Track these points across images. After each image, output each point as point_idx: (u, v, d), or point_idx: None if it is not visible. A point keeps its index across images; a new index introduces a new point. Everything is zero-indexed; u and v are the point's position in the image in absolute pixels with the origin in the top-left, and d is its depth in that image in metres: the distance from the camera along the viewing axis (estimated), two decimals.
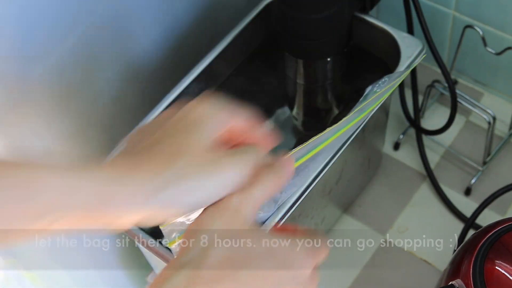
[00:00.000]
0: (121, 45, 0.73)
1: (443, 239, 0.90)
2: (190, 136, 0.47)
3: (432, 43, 0.82)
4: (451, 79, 0.86)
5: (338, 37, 0.75)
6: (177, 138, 0.47)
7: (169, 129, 0.48)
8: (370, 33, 0.79)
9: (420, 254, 0.90)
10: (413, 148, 0.98)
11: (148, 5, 0.73)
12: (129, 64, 0.76)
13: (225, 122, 0.49)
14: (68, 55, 0.67)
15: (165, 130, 0.48)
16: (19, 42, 0.61)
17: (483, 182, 0.94)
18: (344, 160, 0.79)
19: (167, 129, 0.48)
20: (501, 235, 0.66)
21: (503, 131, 0.97)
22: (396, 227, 0.92)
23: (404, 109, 0.95)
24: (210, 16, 0.83)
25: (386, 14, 1.00)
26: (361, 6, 0.78)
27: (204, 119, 0.48)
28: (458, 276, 0.66)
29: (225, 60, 0.79)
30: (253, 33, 0.81)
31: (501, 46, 0.88)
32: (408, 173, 0.97)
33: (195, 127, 0.47)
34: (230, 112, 0.49)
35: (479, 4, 0.90)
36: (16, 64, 0.62)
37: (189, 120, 0.48)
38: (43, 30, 0.62)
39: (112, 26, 0.70)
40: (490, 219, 0.72)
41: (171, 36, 0.79)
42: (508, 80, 0.98)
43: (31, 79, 0.64)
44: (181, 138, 0.47)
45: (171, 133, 0.48)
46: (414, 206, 0.94)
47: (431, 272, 0.88)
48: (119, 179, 0.45)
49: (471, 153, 0.96)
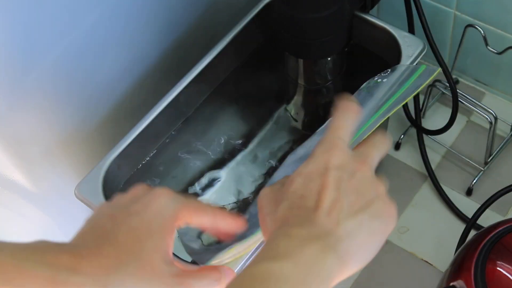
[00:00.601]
0: (121, 45, 0.73)
1: (444, 240, 0.90)
2: (147, 239, 0.47)
3: (433, 42, 0.82)
4: (452, 79, 0.85)
5: (338, 36, 0.75)
6: (132, 236, 0.47)
7: (125, 221, 0.48)
8: (370, 32, 0.78)
9: (421, 255, 0.90)
10: (414, 148, 0.98)
11: (148, 5, 0.73)
12: (129, 64, 0.76)
13: (183, 220, 0.50)
14: (67, 55, 0.66)
15: (120, 223, 0.48)
16: (19, 42, 0.61)
17: (484, 183, 0.94)
18: None
19: (122, 221, 0.48)
20: (503, 235, 0.66)
21: (504, 131, 0.97)
22: (397, 227, 0.92)
23: (405, 109, 0.95)
24: (210, 16, 0.83)
25: (387, 13, 1.00)
26: (362, 5, 0.77)
27: (162, 222, 0.48)
28: (459, 277, 0.66)
29: (225, 60, 0.79)
30: (253, 33, 0.81)
31: (503, 45, 0.88)
32: (409, 173, 0.97)
33: (150, 229, 0.48)
34: (189, 209, 0.50)
35: (481, 3, 0.90)
36: (16, 64, 0.62)
37: (147, 218, 0.48)
38: (43, 30, 0.62)
39: (112, 26, 0.70)
40: (492, 220, 0.71)
41: (171, 36, 0.79)
42: (510, 79, 0.98)
43: (31, 79, 0.64)
44: (136, 238, 0.47)
45: (127, 228, 0.48)
46: (415, 206, 0.94)
47: (432, 273, 0.88)
48: (71, 270, 0.44)
49: (473, 153, 0.96)
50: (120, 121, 0.78)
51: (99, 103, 0.75)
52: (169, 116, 0.75)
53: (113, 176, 0.71)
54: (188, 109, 0.79)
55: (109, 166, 0.70)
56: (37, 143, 0.69)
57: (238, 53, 0.81)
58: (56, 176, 0.74)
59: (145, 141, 0.74)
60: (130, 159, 0.73)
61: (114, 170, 0.71)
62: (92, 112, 0.74)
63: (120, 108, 0.78)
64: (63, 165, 0.74)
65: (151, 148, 0.76)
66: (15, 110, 0.64)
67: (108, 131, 0.77)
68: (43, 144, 0.70)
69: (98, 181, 0.69)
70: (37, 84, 0.65)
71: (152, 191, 0.50)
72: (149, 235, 0.47)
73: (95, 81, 0.72)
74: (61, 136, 0.72)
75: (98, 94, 0.74)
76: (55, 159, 0.73)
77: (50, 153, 0.72)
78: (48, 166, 0.72)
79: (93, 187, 0.69)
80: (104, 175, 0.69)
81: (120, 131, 0.74)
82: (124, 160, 0.72)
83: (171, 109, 0.75)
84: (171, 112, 0.75)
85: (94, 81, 0.72)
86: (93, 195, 0.68)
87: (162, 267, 0.46)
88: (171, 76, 0.80)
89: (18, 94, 0.64)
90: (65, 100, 0.70)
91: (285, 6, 0.72)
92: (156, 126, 0.74)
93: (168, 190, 0.50)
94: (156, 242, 0.47)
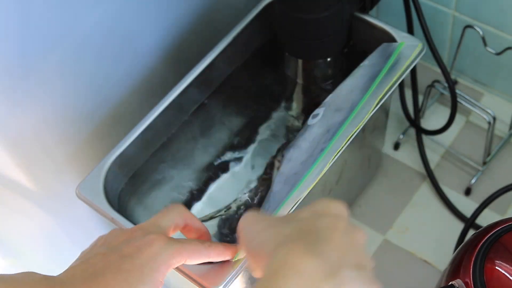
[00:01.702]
0: (121, 45, 0.73)
1: (443, 239, 0.90)
2: (137, 283, 0.48)
3: (432, 43, 0.82)
4: (451, 79, 0.86)
5: (338, 37, 0.75)
6: (122, 278, 0.48)
7: (116, 263, 0.49)
8: (370, 33, 0.79)
9: (420, 254, 0.90)
10: (413, 148, 0.98)
11: (148, 5, 0.73)
12: (129, 64, 0.76)
13: (178, 264, 0.52)
14: (68, 55, 0.67)
15: (111, 264, 0.49)
16: (19, 42, 0.61)
17: (483, 182, 0.94)
18: (344, 160, 0.79)
19: (113, 262, 0.49)
20: (501, 235, 0.66)
21: (503, 131, 0.97)
22: (396, 227, 0.92)
23: (404, 109, 0.95)
24: (210, 16, 0.83)
25: (386, 14, 1.00)
26: (361, 6, 0.78)
27: (155, 267, 0.49)
28: (458, 276, 0.66)
29: (225, 60, 0.79)
30: (253, 33, 0.81)
31: (501, 46, 0.88)
32: (408, 173, 0.97)
33: (142, 274, 0.49)
34: (183, 255, 0.52)
35: (479, 4, 0.90)
36: (17, 64, 0.62)
37: (139, 262, 0.49)
38: (43, 30, 0.62)
39: (112, 26, 0.70)
40: (490, 219, 0.71)
41: (171, 36, 0.79)
42: (508, 80, 0.98)
43: (32, 80, 0.64)
44: (126, 281, 0.48)
45: (117, 270, 0.48)
46: (414, 206, 0.94)
47: (431, 272, 0.88)
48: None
49: (471, 153, 0.96)
50: (121, 121, 0.78)
51: (100, 103, 0.75)
52: (170, 116, 0.75)
53: (114, 176, 0.71)
54: (188, 109, 0.79)
55: (110, 166, 0.70)
56: (38, 143, 0.69)
57: (238, 53, 0.81)
58: (57, 176, 0.74)
59: (146, 141, 0.74)
60: (131, 159, 0.73)
61: (115, 170, 0.71)
62: (93, 112, 0.74)
63: (121, 108, 0.78)
64: (64, 165, 0.74)
65: (152, 148, 0.76)
66: (16, 110, 0.65)
67: (109, 131, 0.78)
68: (44, 144, 0.70)
69: (99, 181, 0.69)
70: (38, 84, 0.65)
71: (148, 235, 0.51)
72: (140, 280, 0.48)
73: (95, 81, 0.72)
74: (62, 136, 0.72)
75: (99, 94, 0.74)
76: (56, 158, 0.73)
77: (51, 153, 0.72)
78: (49, 165, 0.73)
79: (94, 187, 0.69)
80: (105, 175, 0.70)
81: (121, 131, 0.75)
82: (125, 160, 0.72)
83: (172, 109, 0.75)
84: (172, 112, 0.75)
85: (94, 81, 0.72)
86: (94, 195, 0.68)
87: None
88: (171, 76, 0.80)
89: (19, 94, 0.64)
90: (65, 100, 0.70)
91: (285, 6, 0.72)
92: (157, 126, 0.74)
93: (163, 236, 0.51)
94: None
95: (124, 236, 0.52)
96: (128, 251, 0.49)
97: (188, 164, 0.83)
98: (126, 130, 0.73)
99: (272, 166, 0.84)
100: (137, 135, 0.73)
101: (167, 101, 0.74)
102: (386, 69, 0.71)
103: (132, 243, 0.50)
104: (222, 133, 0.87)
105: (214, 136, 0.86)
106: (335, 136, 0.67)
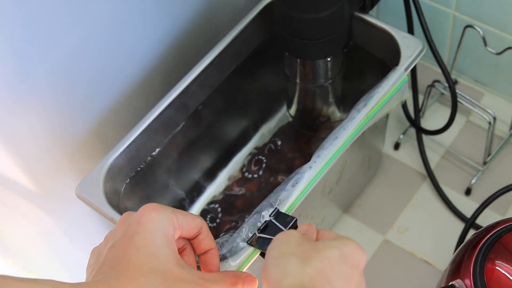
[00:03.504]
0: (121, 45, 0.73)
1: (443, 239, 0.90)
2: (157, 252, 0.50)
3: (432, 43, 0.82)
4: (452, 79, 0.86)
5: (338, 37, 0.75)
6: (143, 254, 0.50)
7: (129, 245, 0.50)
8: (370, 33, 0.79)
9: (420, 254, 0.90)
10: (413, 148, 0.98)
11: (148, 5, 0.73)
12: (129, 64, 0.76)
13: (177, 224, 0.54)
14: (68, 55, 0.67)
15: (125, 249, 0.50)
16: (19, 42, 0.61)
17: (483, 182, 0.94)
18: (344, 160, 0.79)
19: (126, 246, 0.50)
20: (502, 235, 0.66)
21: (503, 131, 0.97)
22: (396, 227, 0.92)
23: (404, 109, 0.95)
24: (210, 16, 0.83)
25: (386, 14, 1.00)
26: (361, 5, 0.78)
27: (163, 231, 0.51)
28: (458, 276, 0.66)
29: (225, 60, 0.79)
30: (253, 33, 0.81)
31: (502, 46, 0.88)
32: (408, 173, 0.97)
33: (156, 242, 0.50)
34: (177, 216, 0.53)
35: (480, 4, 0.90)
36: (17, 65, 0.62)
37: (148, 233, 0.51)
38: (43, 30, 0.62)
39: (112, 27, 0.70)
40: (491, 219, 0.72)
41: (171, 36, 0.79)
42: (509, 80, 0.98)
43: (32, 80, 0.64)
44: (148, 254, 0.50)
45: (135, 250, 0.50)
46: (414, 206, 0.94)
47: (432, 272, 0.88)
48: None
49: (472, 153, 0.96)
50: (121, 121, 0.78)
51: (100, 103, 0.75)
52: (170, 116, 0.76)
53: (114, 176, 0.71)
54: (189, 109, 0.79)
55: (110, 166, 0.70)
56: (38, 143, 0.69)
57: (238, 53, 0.81)
58: (57, 176, 0.74)
59: (146, 141, 0.74)
60: (131, 159, 0.73)
61: (115, 170, 0.71)
62: (93, 112, 0.74)
63: (121, 108, 0.78)
64: (64, 165, 0.74)
65: (152, 148, 0.76)
66: (16, 110, 0.65)
67: (109, 131, 0.78)
68: (44, 144, 0.70)
69: (99, 181, 0.69)
70: (38, 84, 0.65)
71: (139, 210, 0.52)
72: (158, 247, 0.50)
73: (95, 82, 0.72)
74: (62, 136, 0.72)
75: (99, 94, 0.74)
76: (56, 159, 0.73)
77: (51, 153, 0.72)
78: (49, 165, 0.73)
79: (94, 187, 0.69)
80: (105, 175, 0.70)
81: (121, 131, 0.75)
82: (125, 160, 0.72)
83: (172, 109, 0.75)
84: (172, 112, 0.75)
85: (94, 81, 0.72)
86: (94, 195, 0.68)
87: (181, 272, 0.50)
88: (171, 76, 0.80)
89: (19, 94, 0.64)
90: (65, 100, 0.70)
91: (285, 6, 0.72)
92: (157, 126, 0.74)
93: (153, 203, 0.53)
94: (167, 252, 0.50)
95: (118, 225, 0.54)
96: (133, 230, 0.51)
97: (189, 164, 0.83)
98: (126, 130, 0.73)
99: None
100: (137, 135, 0.73)
101: (167, 101, 0.74)
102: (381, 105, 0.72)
103: (130, 222, 0.52)
104: (223, 132, 0.87)
105: (215, 136, 0.86)
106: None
